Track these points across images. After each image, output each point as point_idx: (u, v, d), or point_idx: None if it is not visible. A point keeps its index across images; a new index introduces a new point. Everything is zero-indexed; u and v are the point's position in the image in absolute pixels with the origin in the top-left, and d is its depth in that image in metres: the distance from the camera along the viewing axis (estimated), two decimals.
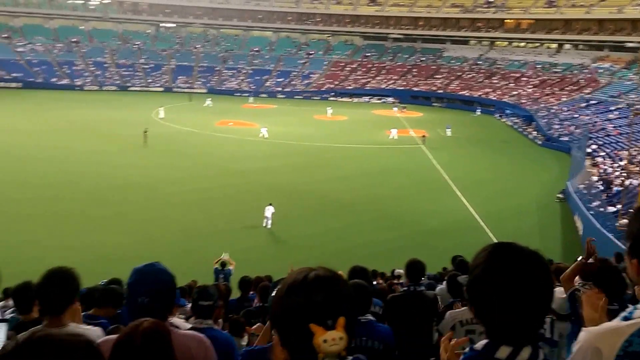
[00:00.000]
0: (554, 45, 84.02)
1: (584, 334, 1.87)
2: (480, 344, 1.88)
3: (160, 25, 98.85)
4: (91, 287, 7.62)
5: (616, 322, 1.85)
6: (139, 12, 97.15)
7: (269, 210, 24.46)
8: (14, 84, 74.69)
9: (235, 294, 10.21)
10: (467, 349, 1.95)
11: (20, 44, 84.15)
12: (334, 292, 1.71)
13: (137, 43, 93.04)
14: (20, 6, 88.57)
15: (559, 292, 4.82)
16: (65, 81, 79.93)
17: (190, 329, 3.99)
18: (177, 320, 4.69)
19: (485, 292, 1.80)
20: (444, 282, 9.15)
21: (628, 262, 1.93)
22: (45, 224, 23.60)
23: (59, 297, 3.35)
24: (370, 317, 4.59)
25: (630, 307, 1.88)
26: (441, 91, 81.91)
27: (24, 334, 1.58)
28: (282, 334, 1.73)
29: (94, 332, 3.47)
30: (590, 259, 4.63)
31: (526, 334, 1.80)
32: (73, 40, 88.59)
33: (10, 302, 6.73)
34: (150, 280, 2.93)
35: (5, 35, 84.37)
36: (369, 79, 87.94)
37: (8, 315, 6.41)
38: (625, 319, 1.82)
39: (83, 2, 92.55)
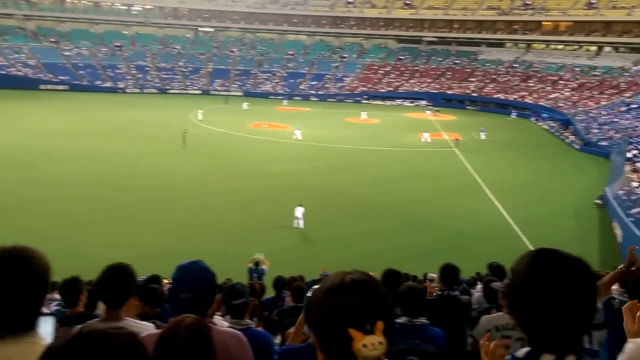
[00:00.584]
0: (594, 48, 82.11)
1: (632, 345, 1.85)
2: (522, 351, 1.86)
3: (199, 29, 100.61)
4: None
5: None
6: (179, 17, 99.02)
7: (299, 211, 24.73)
8: (60, 87, 77.43)
9: (270, 293, 10.34)
10: (508, 356, 1.94)
11: (67, 48, 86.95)
12: (371, 295, 1.69)
13: (176, 47, 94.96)
14: (67, 12, 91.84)
15: None
16: (108, 84, 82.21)
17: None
18: (215, 318, 4.83)
19: (527, 298, 1.77)
20: (478, 287, 9.11)
21: None
22: (87, 221, 24.35)
23: (118, 291, 3.49)
24: (424, 320, 4.61)
25: None
26: (475, 94, 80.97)
27: (76, 328, 1.69)
28: (321, 338, 1.72)
29: (147, 327, 3.54)
30: (633, 268, 4.55)
31: (570, 342, 1.76)
32: (116, 44, 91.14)
33: (56, 296, 6.97)
34: (193, 277, 3.03)
35: (53, 39, 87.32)
36: (402, 82, 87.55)
37: (53, 308, 6.65)
38: None
39: (126, 7, 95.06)
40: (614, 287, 6.13)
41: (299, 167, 36.73)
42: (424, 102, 79.78)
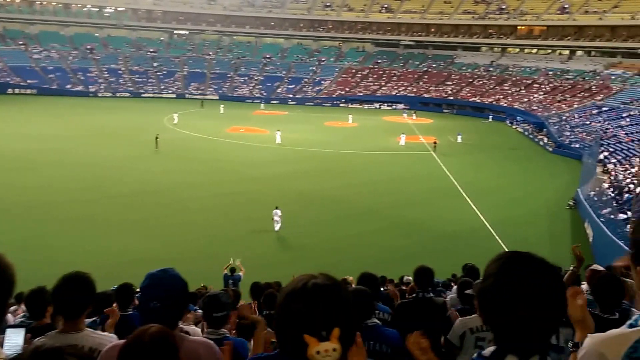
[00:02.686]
0: (566, 52, 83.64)
1: (589, 339, 1.88)
2: (489, 350, 1.87)
3: (174, 32, 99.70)
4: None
5: (622, 329, 1.87)
6: (153, 19, 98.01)
7: (277, 214, 24.74)
8: (29, 91, 75.69)
9: (246, 299, 10.28)
10: (475, 355, 1.95)
11: (36, 50, 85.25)
12: (332, 301, 1.69)
13: (150, 50, 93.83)
14: (36, 14, 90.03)
15: None
16: (79, 88, 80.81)
17: None
18: (187, 326, 4.77)
19: (496, 301, 1.78)
20: (454, 289, 9.19)
21: (633, 270, 1.94)
22: (61, 228, 23.94)
23: (75, 302, 3.37)
24: (376, 320, 4.63)
25: (636, 315, 1.89)
26: (452, 98, 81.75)
27: (35, 343, 1.65)
28: (280, 341, 1.73)
29: (110, 338, 3.46)
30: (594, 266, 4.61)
31: (535, 344, 1.78)
32: (88, 47, 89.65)
33: (22, 307, 6.77)
34: (162, 285, 2.95)
35: (22, 42, 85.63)
36: (379, 86, 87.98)
37: (18, 319, 6.46)
38: (631, 326, 1.85)
39: (98, 9, 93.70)
40: (584, 287, 6.24)
41: (278, 172, 36.64)
42: (401, 106, 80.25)
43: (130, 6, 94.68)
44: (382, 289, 10.19)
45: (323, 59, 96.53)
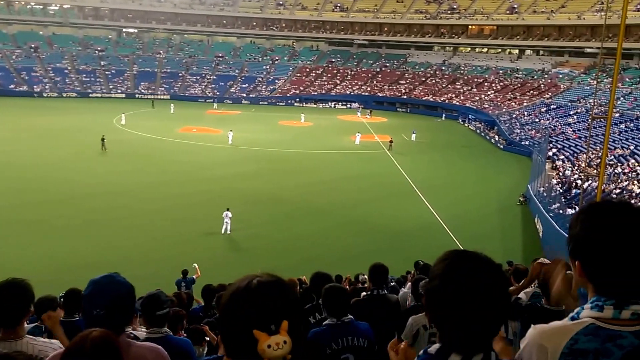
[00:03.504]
0: (516, 51, 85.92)
1: (531, 331, 1.88)
2: (434, 347, 1.87)
3: (123, 30, 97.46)
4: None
5: (564, 321, 1.87)
6: (101, 17, 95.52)
7: (227, 215, 24.48)
8: None
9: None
10: (421, 352, 1.93)
11: None
12: (278, 296, 1.72)
13: (98, 49, 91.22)
14: None
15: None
16: (23, 88, 78.11)
17: (145, 339, 3.93)
18: (135, 330, 4.61)
19: (442, 302, 1.79)
20: (407, 286, 9.24)
21: (572, 264, 1.94)
22: (3, 233, 23.02)
23: (13, 309, 3.27)
24: (350, 316, 4.63)
25: (578, 308, 1.92)
26: (406, 96, 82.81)
27: None
28: (226, 341, 1.72)
29: (52, 345, 3.36)
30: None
31: (478, 343, 1.79)
32: (32, 45, 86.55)
33: None
34: (106, 292, 2.88)
35: None
36: (334, 85, 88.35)
37: None
38: (572, 318, 1.85)
39: (42, 7, 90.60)
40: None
41: (231, 172, 36.26)
42: (356, 105, 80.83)
43: (76, 3, 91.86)
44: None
45: (276, 58, 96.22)
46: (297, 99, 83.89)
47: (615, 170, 33.96)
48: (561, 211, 26.22)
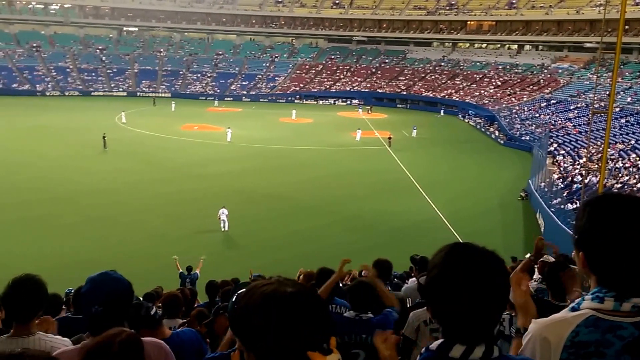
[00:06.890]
0: (515, 46, 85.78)
1: (533, 325, 1.91)
2: (436, 343, 1.86)
3: (123, 29, 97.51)
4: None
5: (564, 313, 1.89)
6: (101, 16, 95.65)
7: (223, 213, 24.48)
8: None
9: (203, 298, 10.09)
10: (423, 350, 1.92)
11: None
12: (317, 308, 1.55)
13: (99, 47, 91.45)
14: None
15: None
16: (26, 87, 78.45)
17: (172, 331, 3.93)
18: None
19: (441, 292, 1.78)
20: (410, 281, 9.22)
21: (576, 255, 1.95)
22: (3, 230, 23.05)
23: (26, 305, 3.28)
24: (370, 314, 4.71)
25: (578, 299, 1.92)
26: (405, 93, 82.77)
27: None
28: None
29: (63, 342, 3.36)
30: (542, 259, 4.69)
31: (480, 333, 1.78)
32: (34, 45, 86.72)
33: None
34: (104, 289, 2.89)
35: None
36: (334, 82, 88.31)
37: None
38: (573, 309, 1.87)
39: (43, 6, 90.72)
40: (536, 275, 6.34)
41: (231, 169, 36.26)
42: (355, 101, 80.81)
43: (77, 3, 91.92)
44: (340, 284, 10.15)
45: (276, 55, 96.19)
46: (298, 96, 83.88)
47: (617, 165, 33.92)
48: (563, 206, 26.19)
